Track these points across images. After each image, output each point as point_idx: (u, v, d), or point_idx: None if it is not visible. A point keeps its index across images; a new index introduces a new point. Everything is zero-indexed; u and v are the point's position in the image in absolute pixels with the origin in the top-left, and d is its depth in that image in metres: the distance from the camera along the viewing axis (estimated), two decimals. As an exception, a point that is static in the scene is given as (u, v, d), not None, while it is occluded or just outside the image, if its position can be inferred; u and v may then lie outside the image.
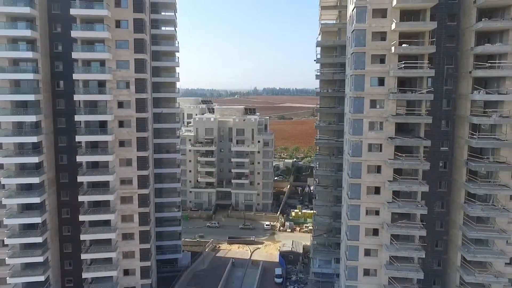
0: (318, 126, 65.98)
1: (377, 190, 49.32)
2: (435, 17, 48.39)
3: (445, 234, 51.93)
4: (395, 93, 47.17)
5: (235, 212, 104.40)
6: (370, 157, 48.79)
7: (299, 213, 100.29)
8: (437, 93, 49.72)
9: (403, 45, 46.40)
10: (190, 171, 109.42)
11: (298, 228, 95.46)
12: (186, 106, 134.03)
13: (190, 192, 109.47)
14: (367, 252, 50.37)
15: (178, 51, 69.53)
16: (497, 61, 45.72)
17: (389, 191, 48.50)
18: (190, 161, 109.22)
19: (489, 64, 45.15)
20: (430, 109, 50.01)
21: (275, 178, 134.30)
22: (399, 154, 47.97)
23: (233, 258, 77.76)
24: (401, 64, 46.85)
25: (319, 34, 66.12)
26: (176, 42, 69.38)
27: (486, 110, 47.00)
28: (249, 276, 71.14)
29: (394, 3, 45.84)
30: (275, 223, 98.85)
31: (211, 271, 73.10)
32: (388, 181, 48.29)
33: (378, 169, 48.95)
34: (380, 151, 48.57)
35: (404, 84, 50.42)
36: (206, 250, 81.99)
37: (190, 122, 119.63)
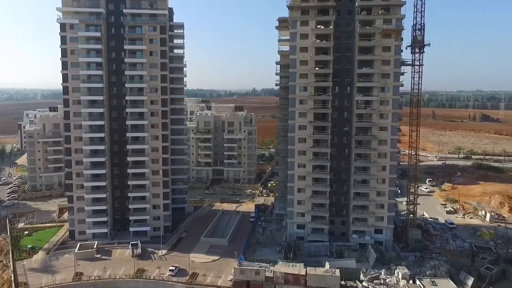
0: (277, 116, 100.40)
1: (304, 153, 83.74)
2: (339, 51, 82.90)
3: (348, 181, 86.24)
4: (313, 95, 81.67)
5: (226, 184, 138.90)
6: (299, 133, 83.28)
7: (274, 184, 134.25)
8: (341, 95, 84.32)
9: (316, 68, 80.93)
10: (192, 153, 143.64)
11: (272, 194, 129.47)
12: (189, 105, 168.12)
13: (193, 170, 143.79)
14: (299, 190, 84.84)
15: (185, 66, 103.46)
16: (370, 78, 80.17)
17: (311, 152, 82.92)
18: (192, 146, 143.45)
19: (362, 79, 79.62)
20: (338, 105, 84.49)
21: (260, 162, 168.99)
22: (316, 131, 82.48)
23: (223, 209, 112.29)
24: (316, 78, 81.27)
25: (279, 56, 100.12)
26: (184, 60, 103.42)
27: (366, 106, 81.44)
28: (233, 219, 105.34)
29: (311, 43, 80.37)
30: (256, 191, 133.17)
31: (207, 216, 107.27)
32: (310, 147, 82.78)
33: (305, 140, 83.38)
34: (305, 129, 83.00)
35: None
36: (204, 205, 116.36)
37: (192, 117, 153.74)
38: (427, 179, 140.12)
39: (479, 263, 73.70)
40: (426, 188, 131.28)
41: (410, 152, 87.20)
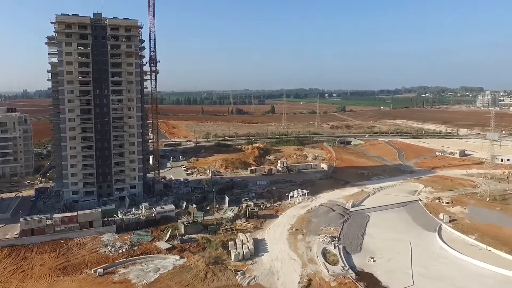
0: (51, 113, 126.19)
1: (74, 138, 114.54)
2: (98, 64, 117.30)
3: (110, 155, 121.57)
4: (78, 96, 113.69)
5: (3, 179, 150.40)
6: (70, 124, 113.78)
7: (52, 173, 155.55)
8: (101, 96, 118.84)
9: (80, 77, 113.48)
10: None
11: (51, 181, 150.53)
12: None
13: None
14: (72, 166, 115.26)
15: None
16: (120, 84, 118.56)
17: (80, 137, 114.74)
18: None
19: (114, 85, 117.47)
20: (99, 103, 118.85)
21: (38, 158, 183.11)
22: (83, 122, 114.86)
23: (1, 196, 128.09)
24: (80, 84, 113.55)
25: (50, 66, 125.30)
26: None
27: (118, 102, 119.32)
28: (13, 201, 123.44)
29: (74, 59, 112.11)
30: (35, 181, 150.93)
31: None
32: (79, 133, 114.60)
33: (74, 129, 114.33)
34: (74, 121, 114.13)
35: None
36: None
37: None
38: (181, 156, 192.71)
39: (192, 195, 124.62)
40: (182, 165, 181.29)
41: (153, 137, 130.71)
